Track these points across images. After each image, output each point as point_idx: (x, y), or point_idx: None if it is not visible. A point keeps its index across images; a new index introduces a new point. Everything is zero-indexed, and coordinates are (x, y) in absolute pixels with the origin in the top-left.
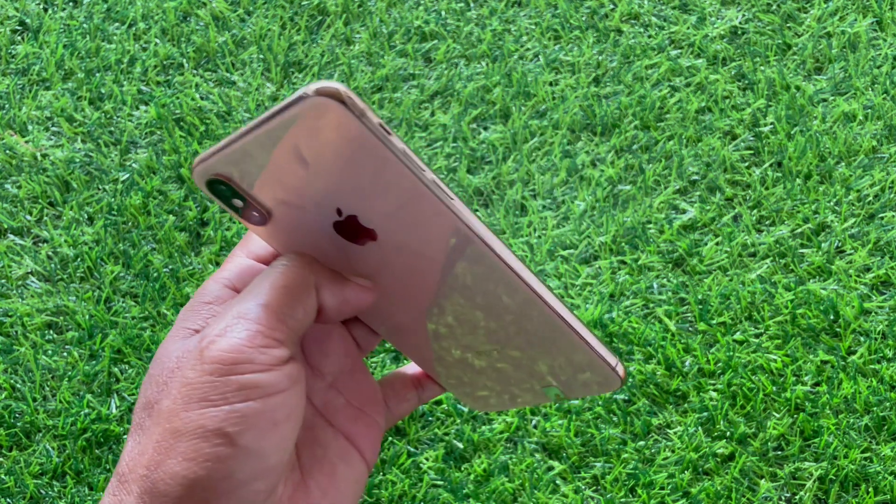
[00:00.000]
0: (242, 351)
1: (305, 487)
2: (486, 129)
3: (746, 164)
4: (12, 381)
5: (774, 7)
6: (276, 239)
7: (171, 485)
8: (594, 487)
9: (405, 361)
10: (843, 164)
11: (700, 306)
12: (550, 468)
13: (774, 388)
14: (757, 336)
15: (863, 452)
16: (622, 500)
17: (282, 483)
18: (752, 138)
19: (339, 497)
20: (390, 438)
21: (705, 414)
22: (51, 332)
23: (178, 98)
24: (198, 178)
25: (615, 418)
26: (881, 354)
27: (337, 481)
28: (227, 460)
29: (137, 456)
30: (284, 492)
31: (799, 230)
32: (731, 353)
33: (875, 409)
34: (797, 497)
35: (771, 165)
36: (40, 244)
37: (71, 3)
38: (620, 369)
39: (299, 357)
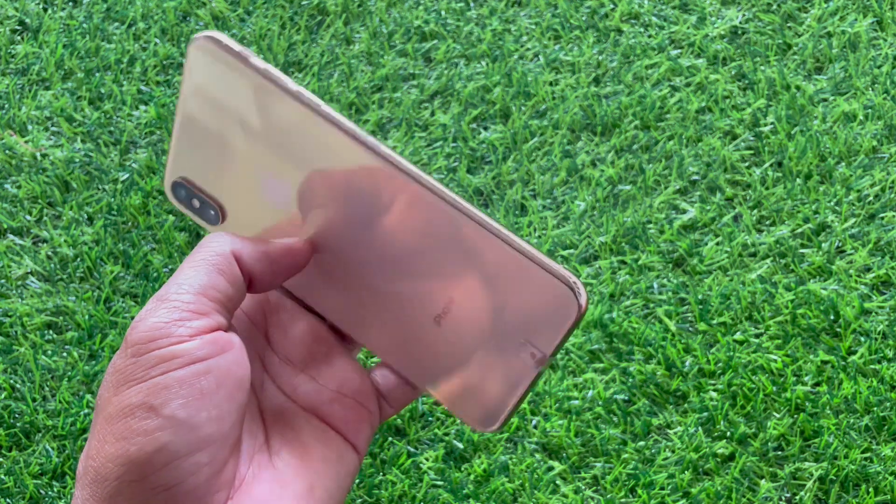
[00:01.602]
0: (159, 328)
1: (272, 467)
2: (486, 128)
3: (747, 163)
4: (12, 382)
5: (775, 7)
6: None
7: (111, 467)
8: (594, 487)
9: None
10: (843, 164)
11: (700, 306)
12: (550, 468)
13: (775, 389)
14: (757, 336)
15: (863, 452)
16: (622, 500)
17: (234, 459)
18: (752, 138)
19: (316, 478)
20: (390, 438)
21: (705, 414)
22: (50, 332)
23: (177, 98)
24: (166, 189)
25: (615, 418)
26: (881, 354)
27: (311, 462)
28: (156, 432)
29: (85, 452)
30: (246, 470)
31: (799, 230)
32: (732, 354)
33: (875, 409)
34: (797, 497)
35: (771, 165)
36: (40, 244)
37: (70, 3)
38: (578, 286)
39: (240, 330)
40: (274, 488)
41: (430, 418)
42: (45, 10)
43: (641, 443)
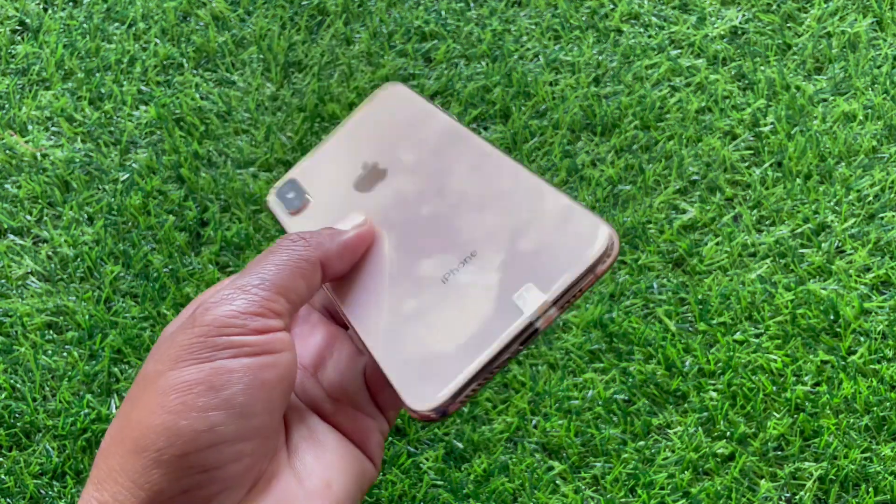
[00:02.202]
0: (236, 316)
1: (291, 465)
2: (486, 128)
3: (746, 164)
4: (12, 381)
5: (774, 7)
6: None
7: (153, 438)
8: (594, 487)
9: None
10: (843, 164)
11: (700, 306)
12: (550, 468)
13: (774, 389)
14: (757, 336)
15: (863, 452)
16: (622, 500)
17: (270, 455)
18: (752, 138)
19: (333, 475)
20: (390, 438)
21: (705, 414)
22: (51, 332)
23: (177, 98)
24: (278, 186)
25: (615, 418)
26: (881, 354)
27: (327, 460)
28: (211, 412)
29: (119, 423)
30: (267, 465)
31: (799, 230)
32: (732, 353)
33: (875, 409)
34: (797, 497)
35: (771, 165)
36: (40, 244)
37: (71, 3)
38: (604, 229)
39: (292, 332)
40: (291, 484)
41: None
42: (46, 10)
43: (641, 443)
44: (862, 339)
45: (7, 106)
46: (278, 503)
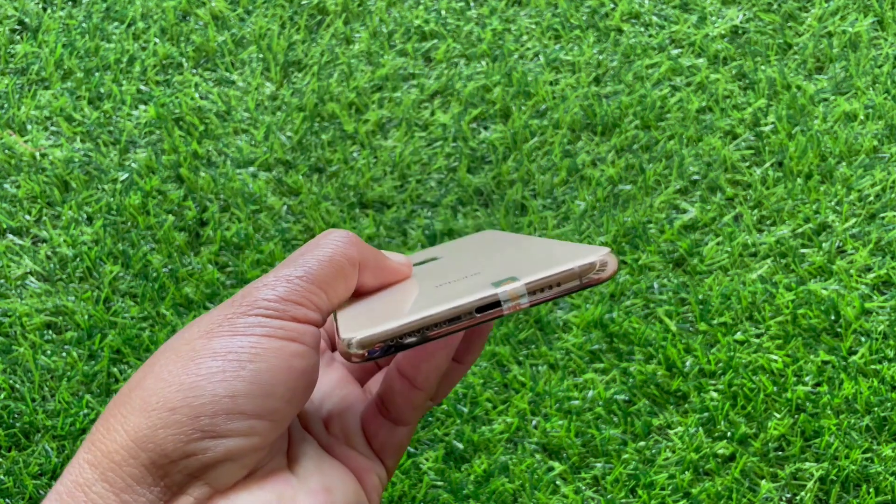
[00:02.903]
0: (277, 301)
1: (288, 469)
2: (486, 128)
3: (747, 163)
4: (11, 382)
5: (775, 6)
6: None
7: (166, 395)
8: (595, 488)
9: None
10: (844, 163)
11: (701, 306)
12: (551, 469)
13: (775, 389)
14: (758, 336)
15: (864, 453)
16: (623, 500)
17: (272, 450)
18: (752, 138)
19: (334, 483)
20: None
21: (706, 414)
22: (50, 332)
23: (177, 97)
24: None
25: (616, 419)
26: (882, 355)
27: (329, 471)
28: (234, 380)
29: (128, 387)
30: (268, 461)
31: (800, 230)
32: (732, 354)
33: (876, 409)
34: (798, 497)
35: (772, 165)
36: (39, 244)
37: (70, 3)
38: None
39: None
40: (291, 481)
41: (429, 419)
42: (45, 9)
43: (642, 443)
44: (863, 339)
45: (6, 105)
46: (277, 494)
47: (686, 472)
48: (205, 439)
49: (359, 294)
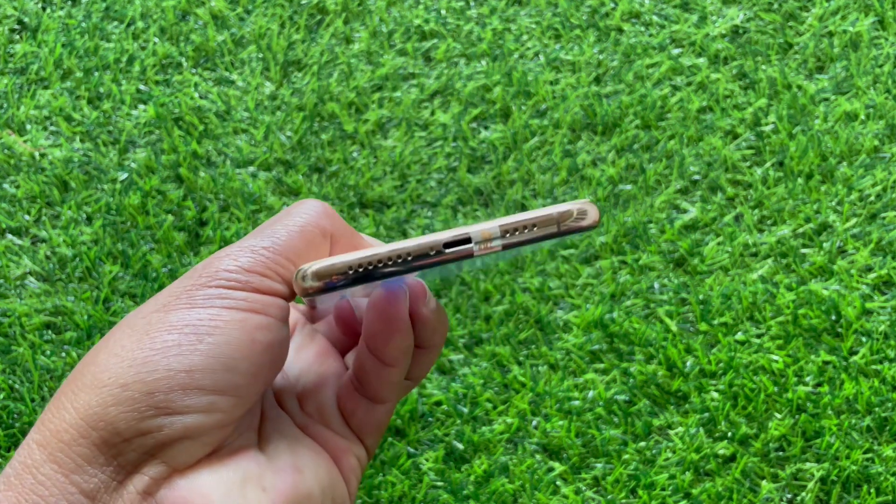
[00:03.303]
0: (238, 272)
1: (258, 447)
2: (486, 128)
3: (748, 163)
4: (10, 382)
5: (776, 6)
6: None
7: (118, 371)
8: (595, 488)
9: None
10: (844, 163)
11: (701, 306)
12: (551, 469)
13: (776, 389)
14: (758, 336)
15: (864, 453)
16: (623, 501)
17: (238, 426)
18: (753, 138)
19: (305, 464)
20: (390, 439)
21: (706, 415)
22: (49, 332)
23: (176, 97)
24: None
25: (616, 419)
26: (883, 355)
27: (301, 450)
28: (192, 355)
29: (82, 363)
30: (235, 440)
31: (800, 230)
32: (733, 354)
33: (877, 409)
34: (799, 498)
35: (772, 165)
36: (38, 244)
37: (69, 2)
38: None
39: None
40: (259, 459)
41: (429, 419)
42: (44, 9)
43: (642, 443)
44: (864, 339)
45: (5, 105)
46: (242, 473)
47: (687, 473)
48: (159, 416)
49: None
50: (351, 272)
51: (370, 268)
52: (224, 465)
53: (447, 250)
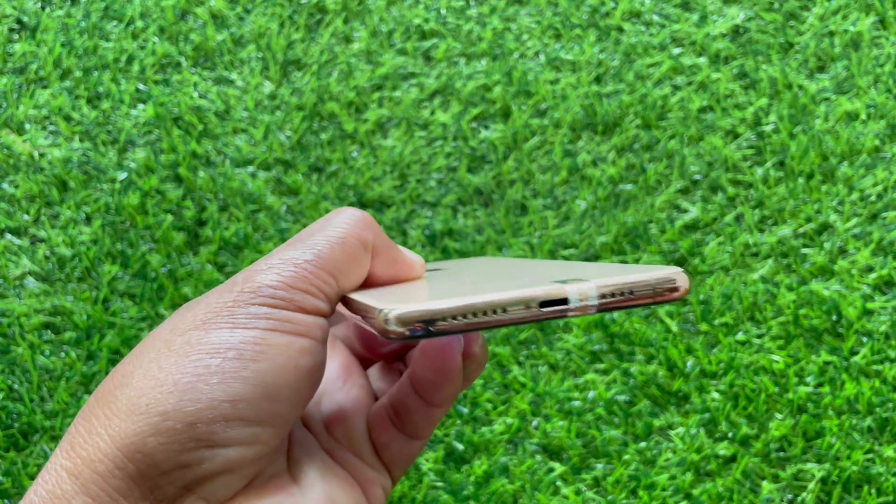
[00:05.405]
0: (283, 289)
1: (290, 476)
2: (486, 127)
3: (748, 163)
4: (9, 382)
5: (776, 5)
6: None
7: (158, 398)
8: (595, 489)
9: None
10: (845, 163)
11: (702, 306)
12: (551, 470)
13: (777, 389)
14: (759, 336)
15: (865, 454)
16: (623, 501)
17: (272, 456)
18: (754, 137)
19: (338, 495)
20: None
21: (707, 415)
22: (48, 332)
23: (176, 97)
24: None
25: (616, 419)
26: (884, 355)
27: (333, 481)
28: (235, 382)
29: (113, 381)
30: (269, 469)
31: (801, 230)
32: (733, 354)
33: (878, 410)
34: (799, 498)
35: (773, 165)
36: (37, 244)
37: (68, 2)
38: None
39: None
40: (292, 490)
41: None
42: (43, 8)
43: (643, 444)
44: (864, 339)
45: (4, 105)
46: None
47: (687, 473)
48: (201, 449)
49: (367, 286)
50: (441, 320)
51: (453, 320)
52: (260, 499)
53: (543, 309)
